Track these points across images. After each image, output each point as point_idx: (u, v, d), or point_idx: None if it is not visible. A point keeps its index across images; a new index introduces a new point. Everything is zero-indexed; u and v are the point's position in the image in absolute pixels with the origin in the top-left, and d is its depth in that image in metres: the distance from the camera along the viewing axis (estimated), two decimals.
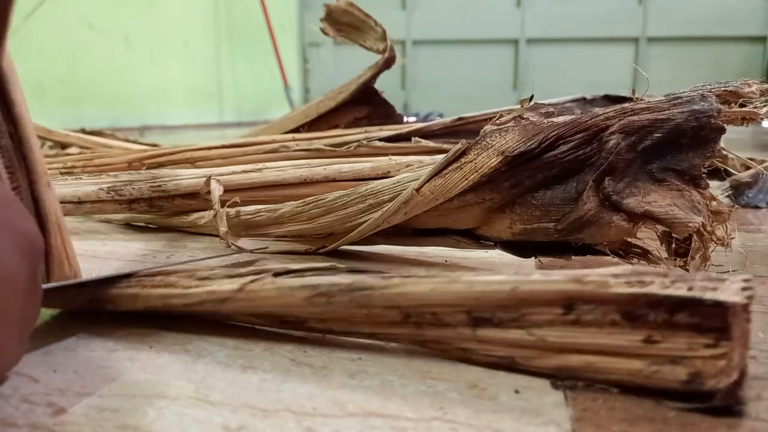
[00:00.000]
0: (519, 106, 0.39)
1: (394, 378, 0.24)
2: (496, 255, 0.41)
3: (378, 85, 0.66)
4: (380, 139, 0.59)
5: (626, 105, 0.33)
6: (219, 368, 0.25)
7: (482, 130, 0.35)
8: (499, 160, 0.34)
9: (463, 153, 0.35)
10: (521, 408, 0.22)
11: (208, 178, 0.47)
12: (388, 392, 0.23)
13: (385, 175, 0.47)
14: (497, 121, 0.36)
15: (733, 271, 0.38)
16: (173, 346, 0.27)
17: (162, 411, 0.21)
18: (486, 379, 0.24)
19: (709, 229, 0.33)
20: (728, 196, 0.64)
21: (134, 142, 0.87)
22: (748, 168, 0.64)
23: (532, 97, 0.40)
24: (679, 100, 0.33)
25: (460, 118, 0.61)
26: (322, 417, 0.21)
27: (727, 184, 0.65)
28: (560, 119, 0.35)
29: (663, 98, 0.33)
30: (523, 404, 0.22)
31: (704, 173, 0.32)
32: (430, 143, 0.58)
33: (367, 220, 0.40)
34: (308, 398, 0.22)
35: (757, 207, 0.62)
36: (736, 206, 0.60)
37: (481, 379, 0.24)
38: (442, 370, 0.25)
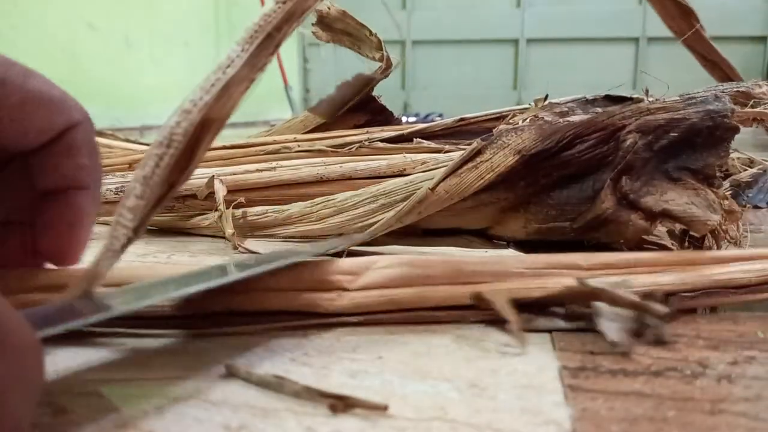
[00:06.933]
0: (532, 106, 0.39)
1: (394, 378, 0.24)
2: (498, 255, 0.41)
3: (377, 85, 0.66)
4: (382, 140, 0.59)
5: (642, 104, 0.34)
6: (219, 368, 0.25)
7: (496, 129, 0.35)
8: (515, 159, 0.34)
9: (479, 152, 0.35)
10: (521, 408, 0.22)
11: (211, 178, 0.47)
12: (388, 392, 0.23)
13: (401, 173, 0.47)
14: (512, 120, 0.36)
15: None
16: (174, 346, 0.27)
17: (162, 411, 0.21)
18: (486, 379, 0.24)
19: (723, 227, 0.33)
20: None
21: (135, 142, 0.87)
22: (748, 167, 0.64)
23: (546, 96, 0.40)
24: (694, 101, 0.33)
25: (462, 119, 0.61)
26: (322, 417, 0.21)
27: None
28: (576, 118, 0.35)
29: (678, 98, 0.34)
30: (523, 404, 0.22)
31: (721, 174, 0.33)
32: (432, 144, 0.58)
33: (378, 221, 0.40)
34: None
35: (757, 207, 0.62)
36: (747, 206, 0.60)
37: (481, 379, 0.24)
38: (442, 370, 0.25)
